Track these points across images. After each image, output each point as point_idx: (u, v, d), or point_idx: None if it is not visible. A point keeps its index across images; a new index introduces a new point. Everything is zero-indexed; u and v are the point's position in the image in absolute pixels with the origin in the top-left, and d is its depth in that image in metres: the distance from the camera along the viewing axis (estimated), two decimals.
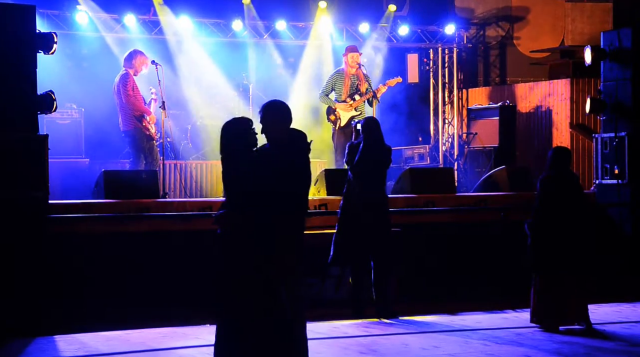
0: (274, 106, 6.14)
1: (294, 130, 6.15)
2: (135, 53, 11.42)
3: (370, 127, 8.91)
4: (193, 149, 13.84)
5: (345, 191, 8.95)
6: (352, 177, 8.88)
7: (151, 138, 11.27)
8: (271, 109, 6.11)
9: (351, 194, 8.88)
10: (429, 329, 8.35)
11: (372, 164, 8.85)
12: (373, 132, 8.89)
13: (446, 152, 16.23)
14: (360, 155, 8.78)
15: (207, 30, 14.48)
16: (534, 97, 14.94)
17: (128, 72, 11.23)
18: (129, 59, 11.33)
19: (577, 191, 8.39)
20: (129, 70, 11.24)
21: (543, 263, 8.21)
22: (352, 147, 8.94)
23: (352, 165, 8.86)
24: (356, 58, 12.14)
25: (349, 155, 8.90)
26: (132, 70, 11.27)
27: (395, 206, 9.64)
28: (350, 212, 8.84)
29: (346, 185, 8.96)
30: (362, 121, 9.16)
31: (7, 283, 8.31)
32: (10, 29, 8.59)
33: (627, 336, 8.04)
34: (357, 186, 8.83)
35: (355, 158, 8.82)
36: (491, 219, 10.37)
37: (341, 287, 9.45)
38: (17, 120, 8.58)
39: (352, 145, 8.98)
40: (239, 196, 5.86)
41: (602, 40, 11.18)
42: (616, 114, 10.92)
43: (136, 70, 11.31)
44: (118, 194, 9.48)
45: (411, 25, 15.50)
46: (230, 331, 5.79)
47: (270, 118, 6.07)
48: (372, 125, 8.93)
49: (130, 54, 11.41)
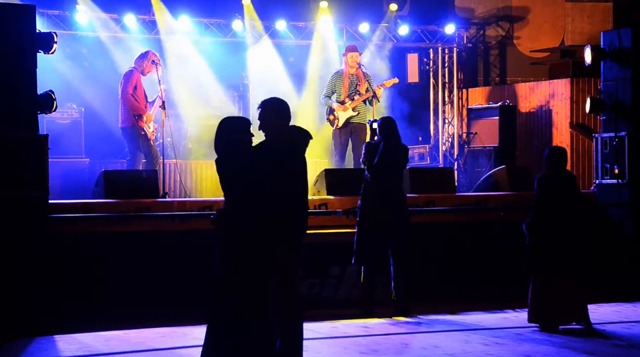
0: (272, 103, 6.13)
1: (293, 127, 6.14)
2: (147, 54, 11.45)
3: (388, 128, 9.00)
4: (193, 149, 13.84)
5: (363, 190, 9.00)
6: (370, 177, 8.93)
7: (147, 138, 11.27)
8: (270, 106, 6.10)
9: (369, 193, 8.92)
10: (429, 329, 8.35)
11: (390, 164, 8.92)
12: (391, 132, 8.98)
13: (446, 152, 16.23)
14: (379, 156, 8.83)
15: (206, 30, 14.48)
16: (534, 97, 14.93)
17: (133, 70, 11.26)
18: (141, 58, 11.38)
19: (574, 191, 8.40)
20: (137, 68, 11.28)
21: (540, 263, 8.22)
22: (370, 147, 8.98)
23: (370, 165, 8.90)
24: (356, 58, 12.14)
25: (367, 155, 8.94)
26: (140, 69, 11.30)
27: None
28: (369, 211, 8.88)
29: (363, 185, 9.01)
30: (379, 121, 9.18)
31: (7, 283, 8.31)
32: (10, 28, 8.59)
33: (627, 336, 8.05)
34: (376, 185, 8.88)
35: (374, 158, 8.86)
36: (491, 219, 10.36)
37: (341, 287, 9.45)
38: (17, 120, 8.57)
39: (370, 145, 9.02)
40: (235, 194, 5.85)
41: (602, 40, 11.17)
42: (616, 114, 10.91)
43: (144, 70, 11.34)
44: (118, 194, 9.47)
45: (411, 25, 15.50)
46: (218, 331, 5.79)
47: (268, 115, 6.06)
48: (390, 126, 9.01)
49: (143, 54, 11.45)
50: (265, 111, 6.07)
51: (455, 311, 9.22)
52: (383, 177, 8.91)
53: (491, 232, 10.23)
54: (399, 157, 9.01)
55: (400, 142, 9.06)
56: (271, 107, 6.10)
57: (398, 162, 9.02)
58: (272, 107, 6.10)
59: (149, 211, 9.34)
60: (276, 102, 6.14)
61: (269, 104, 6.12)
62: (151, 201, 9.52)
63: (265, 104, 6.11)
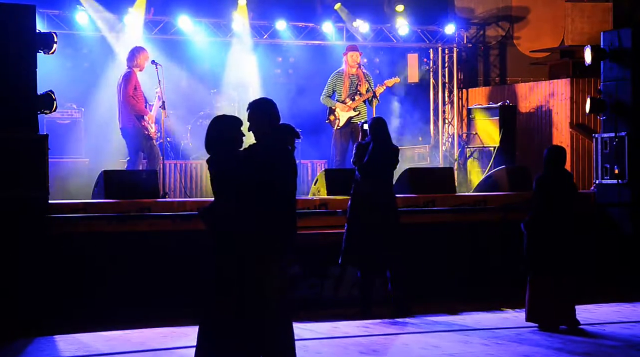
0: (260, 104, 6.11)
1: (282, 126, 6.12)
2: (137, 50, 11.45)
3: (378, 128, 8.95)
4: (193, 149, 13.84)
5: (353, 191, 8.98)
6: (360, 177, 8.91)
7: (150, 137, 11.27)
8: (258, 107, 6.08)
9: (359, 194, 8.91)
10: (429, 329, 8.35)
11: (381, 164, 8.89)
12: (381, 132, 8.94)
13: (446, 152, 16.22)
14: (369, 156, 8.81)
15: (207, 30, 14.47)
16: (534, 97, 14.93)
17: (131, 71, 11.24)
18: (132, 58, 11.34)
19: (570, 190, 8.40)
20: (133, 69, 11.26)
21: (538, 263, 8.22)
22: (360, 147, 8.96)
23: (360, 165, 8.88)
24: (356, 57, 12.14)
25: (357, 155, 8.93)
26: (137, 68, 11.30)
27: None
28: (358, 212, 8.87)
29: (353, 185, 8.99)
30: (370, 121, 9.18)
31: (7, 283, 8.31)
32: (10, 28, 8.59)
33: (627, 336, 8.04)
34: (365, 185, 8.86)
35: (363, 158, 8.85)
36: (491, 219, 10.36)
37: (341, 287, 9.45)
38: (17, 120, 8.57)
39: (360, 145, 9.00)
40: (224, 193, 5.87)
41: (602, 40, 11.18)
42: (616, 114, 10.91)
43: (140, 65, 11.33)
44: (118, 194, 9.47)
45: (411, 25, 15.49)
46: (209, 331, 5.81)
47: (257, 116, 6.05)
48: (380, 126, 8.98)
49: (132, 52, 11.42)
50: (254, 112, 6.05)
51: (455, 311, 9.23)
52: (372, 177, 8.87)
53: (491, 232, 10.23)
54: (388, 157, 8.95)
55: (390, 143, 9.01)
56: (259, 107, 6.08)
57: (388, 163, 8.97)
58: (260, 107, 6.08)
59: (149, 211, 9.33)
60: (264, 103, 6.13)
61: (257, 104, 6.10)
62: (151, 201, 9.52)
63: (253, 104, 6.09)
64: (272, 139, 5.99)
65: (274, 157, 5.92)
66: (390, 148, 9.00)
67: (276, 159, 5.93)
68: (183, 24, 14.05)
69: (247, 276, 5.77)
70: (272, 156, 5.91)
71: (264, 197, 5.82)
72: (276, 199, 5.88)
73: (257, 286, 5.78)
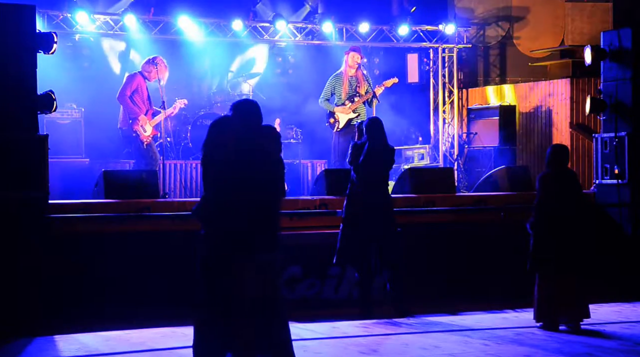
0: (241, 105, 6.10)
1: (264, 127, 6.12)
2: (152, 60, 11.48)
3: (374, 128, 8.93)
4: (193, 149, 13.85)
5: (349, 191, 8.97)
6: (356, 177, 8.90)
7: (139, 140, 11.30)
8: (239, 109, 6.06)
9: (354, 194, 8.89)
10: (429, 329, 8.35)
11: (376, 165, 8.87)
12: (377, 133, 8.92)
13: (446, 152, 16.23)
14: (365, 156, 8.80)
15: (207, 30, 14.48)
16: (534, 97, 14.94)
17: (137, 74, 11.32)
18: (147, 63, 11.44)
19: (575, 189, 8.41)
20: (142, 73, 11.32)
21: (542, 262, 8.22)
22: (356, 147, 8.94)
23: (356, 165, 8.87)
24: (357, 58, 12.13)
25: (353, 155, 8.91)
26: (147, 74, 11.34)
27: (395, 206, 9.63)
28: (353, 212, 8.85)
29: (349, 185, 8.98)
30: (366, 121, 9.17)
31: (7, 283, 8.31)
32: (10, 29, 8.58)
33: (627, 336, 8.05)
34: (361, 186, 8.84)
35: (359, 158, 8.83)
36: (491, 219, 10.36)
37: (341, 287, 9.45)
38: (17, 120, 8.56)
39: (356, 145, 8.98)
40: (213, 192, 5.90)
41: (602, 40, 11.17)
42: (616, 114, 10.91)
43: (150, 76, 11.37)
44: (118, 194, 9.47)
45: (411, 25, 15.50)
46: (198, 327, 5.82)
47: (238, 117, 6.03)
48: (376, 126, 8.96)
49: (149, 60, 11.49)
50: (234, 113, 6.04)
51: (455, 311, 9.23)
52: (368, 177, 8.86)
53: (491, 232, 10.23)
54: (384, 157, 8.93)
55: (386, 143, 8.98)
56: (241, 109, 6.06)
57: (383, 162, 8.94)
58: (241, 109, 6.06)
59: (149, 211, 9.33)
60: (246, 104, 6.12)
61: (238, 106, 6.08)
62: (151, 201, 9.52)
63: (234, 106, 6.07)
64: (256, 141, 5.98)
65: (258, 159, 5.92)
66: (386, 148, 8.98)
67: (265, 156, 5.95)
68: (183, 24, 14.05)
69: (238, 272, 5.78)
70: (256, 158, 5.92)
71: (254, 193, 5.83)
72: (266, 196, 5.90)
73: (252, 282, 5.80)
